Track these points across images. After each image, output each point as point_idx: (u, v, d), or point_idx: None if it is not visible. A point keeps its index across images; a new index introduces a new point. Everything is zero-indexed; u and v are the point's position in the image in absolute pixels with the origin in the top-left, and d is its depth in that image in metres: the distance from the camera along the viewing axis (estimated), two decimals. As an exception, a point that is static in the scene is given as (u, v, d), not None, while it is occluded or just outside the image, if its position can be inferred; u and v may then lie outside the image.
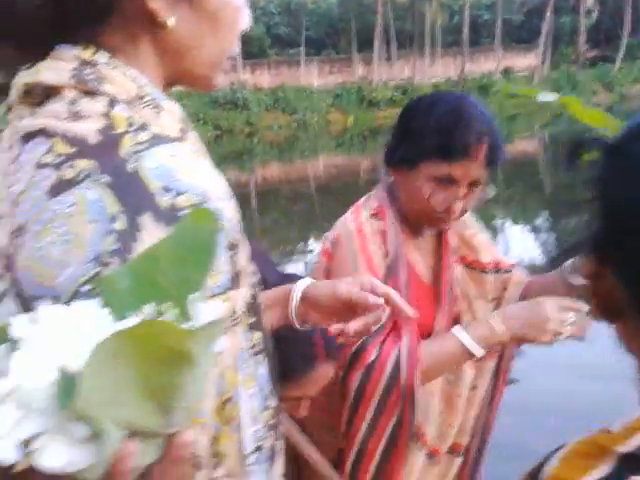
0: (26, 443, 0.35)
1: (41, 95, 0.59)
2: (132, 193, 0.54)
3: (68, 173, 0.53)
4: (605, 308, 0.51)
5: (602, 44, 31.77)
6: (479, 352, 1.09)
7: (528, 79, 27.83)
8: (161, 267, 0.43)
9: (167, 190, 0.55)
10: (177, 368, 0.37)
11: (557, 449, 0.50)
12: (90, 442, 0.36)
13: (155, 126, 0.61)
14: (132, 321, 0.40)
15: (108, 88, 0.60)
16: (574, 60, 29.23)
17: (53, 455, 0.35)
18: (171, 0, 0.61)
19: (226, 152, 16.99)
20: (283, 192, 12.40)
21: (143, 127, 0.59)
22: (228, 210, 0.63)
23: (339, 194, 10.37)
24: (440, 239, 1.27)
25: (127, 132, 0.57)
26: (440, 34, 28.37)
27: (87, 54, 0.60)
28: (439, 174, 1.10)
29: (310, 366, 1.02)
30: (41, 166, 0.54)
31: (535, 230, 8.83)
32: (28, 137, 0.56)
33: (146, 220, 0.53)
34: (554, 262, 1.17)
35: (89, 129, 0.56)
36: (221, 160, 14.51)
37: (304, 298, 0.87)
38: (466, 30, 26.82)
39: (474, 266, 1.28)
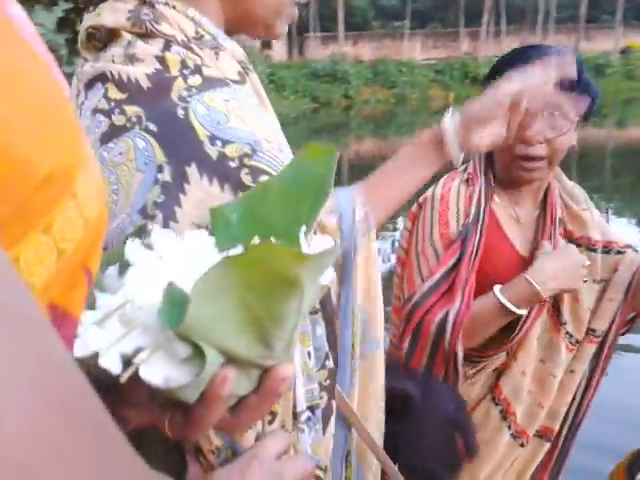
0: (131, 357, 0.36)
1: (104, 38, 0.59)
2: (179, 142, 0.52)
3: (118, 120, 0.53)
4: None
5: None
6: (518, 310, 1.08)
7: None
8: (271, 202, 0.41)
9: (216, 139, 0.53)
10: (284, 295, 0.36)
11: None
12: (189, 364, 0.36)
13: (211, 68, 0.59)
14: (238, 251, 0.40)
15: (165, 28, 0.58)
16: None
17: (154, 369, 0.35)
18: None
19: (322, 125, 17.05)
20: (376, 168, 12.27)
21: (197, 69, 0.57)
22: (282, 159, 0.59)
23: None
24: (545, 211, 1.21)
25: (179, 76, 0.55)
26: (555, 9, 26.82)
27: None
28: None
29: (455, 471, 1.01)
30: (96, 112, 0.54)
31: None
32: (90, 83, 0.56)
33: (193, 171, 0.51)
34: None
35: (141, 73, 0.54)
36: (316, 133, 14.60)
37: (462, 126, 0.82)
38: (584, 5, 25.19)
39: (580, 242, 1.21)
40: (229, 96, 0.56)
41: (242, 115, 0.56)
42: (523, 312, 1.08)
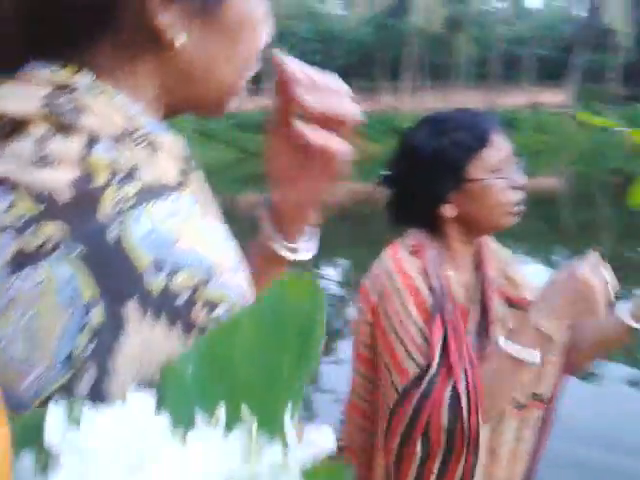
0: None
1: (6, 128, 0.46)
2: (113, 271, 0.41)
3: (32, 241, 0.41)
4: None
5: (633, 83, 31.58)
6: (536, 358, 0.98)
7: (556, 115, 27.76)
8: (240, 349, 0.32)
9: (161, 266, 0.42)
10: None
11: None
12: None
13: (148, 171, 0.47)
14: (199, 433, 0.29)
15: (89, 121, 0.46)
16: (604, 98, 29.10)
17: None
18: (183, 15, 0.49)
19: (248, 174, 17.20)
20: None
21: (131, 175, 0.45)
22: (239, 282, 0.48)
23: (364, 222, 10.43)
24: (481, 274, 1.18)
25: (109, 184, 0.43)
26: (471, 67, 28.57)
27: (64, 75, 0.48)
28: (491, 162, 1.09)
29: None
30: (0, 229, 0.41)
31: (555, 266, 8.77)
32: None
33: (133, 309, 0.40)
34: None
35: (60, 181, 0.43)
36: (242, 182, 14.74)
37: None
38: (496, 64, 26.94)
39: (518, 304, 1.17)
40: (175, 208, 0.46)
41: (192, 233, 0.45)
42: (537, 360, 0.98)
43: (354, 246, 9.54)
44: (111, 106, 0.48)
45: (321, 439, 0.30)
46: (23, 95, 0.47)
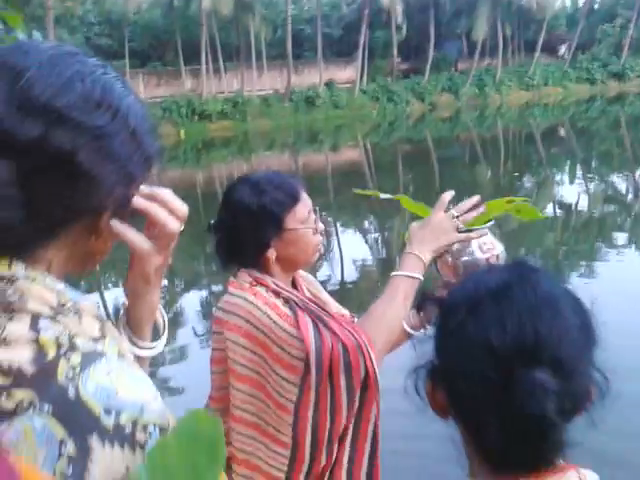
0: None
1: None
2: (76, 419, 0.56)
3: (7, 403, 0.55)
4: (440, 411, 0.76)
5: (412, 57, 34.66)
6: (421, 277, 1.33)
7: (350, 91, 29.60)
8: (172, 460, 0.44)
9: (109, 411, 0.57)
10: None
11: None
12: None
13: (81, 336, 0.62)
14: None
15: (32, 305, 0.61)
16: (389, 72, 31.63)
17: None
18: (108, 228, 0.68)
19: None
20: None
21: (72, 347, 0.60)
22: (159, 406, 0.63)
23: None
24: (295, 289, 1.49)
25: (59, 357, 0.59)
26: (265, 47, 29.14)
27: (3, 269, 0.61)
28: (301, 215, 1.37)
29: None
30: None
31: (366, 232, 9.59)
32: None
33: (95, 441, 0.56)
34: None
35: (21, 358, 0.57)
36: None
37: None
38: (289, 44, 27.85)
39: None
40: (108, 367, 0.61)
41: (124, 382, 0.61)
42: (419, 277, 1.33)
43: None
44: (44, 289, 0.62)
45: None
46: None
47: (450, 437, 0.77)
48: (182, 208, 0.74)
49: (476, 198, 1.37)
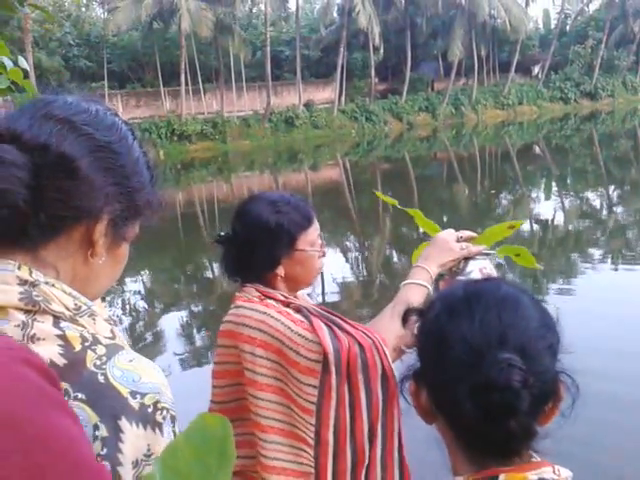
0: None
1: None
2: (107, 402, 0.63)
3: None
4: (424, 414, 0.81)
5: (389, 78, 35.13)
6: (427, 283, 1.45)
7: (329, 111, 29.87)
8: (184, 460, 0.45)
9: (134, 394, 0.65)
10: None
11: None
12: None
13: (99, 334, 0.69)
14: None
15: (54, 306, 0.67)
16: (367, 93, 31.99)
17: None
18: (105, 245, 0.74)
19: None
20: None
21: (96, 340, 0.67)
22: (170, 395, 0.71)
23: (155, 231, 10.30)
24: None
25: (85, 349, 0.66)
26: (244, 69, 29.33)
27: (25, 274, 0.67)
28: (311, 238, 1.45)
29: None
30: None
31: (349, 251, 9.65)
32: None
33: (124, 422, 0.63)
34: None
35: (52, 352, 0.64)
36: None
37: None
38: (268, 65, 28.07)
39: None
40: (129, 356, 0.68)
41: (145, 369, 0.68)
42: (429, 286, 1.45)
43: (151, 251, 9.44)
44: (63, 293, 0.69)
45: None
46: (1, 289, 0.66)
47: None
48: None
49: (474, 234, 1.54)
